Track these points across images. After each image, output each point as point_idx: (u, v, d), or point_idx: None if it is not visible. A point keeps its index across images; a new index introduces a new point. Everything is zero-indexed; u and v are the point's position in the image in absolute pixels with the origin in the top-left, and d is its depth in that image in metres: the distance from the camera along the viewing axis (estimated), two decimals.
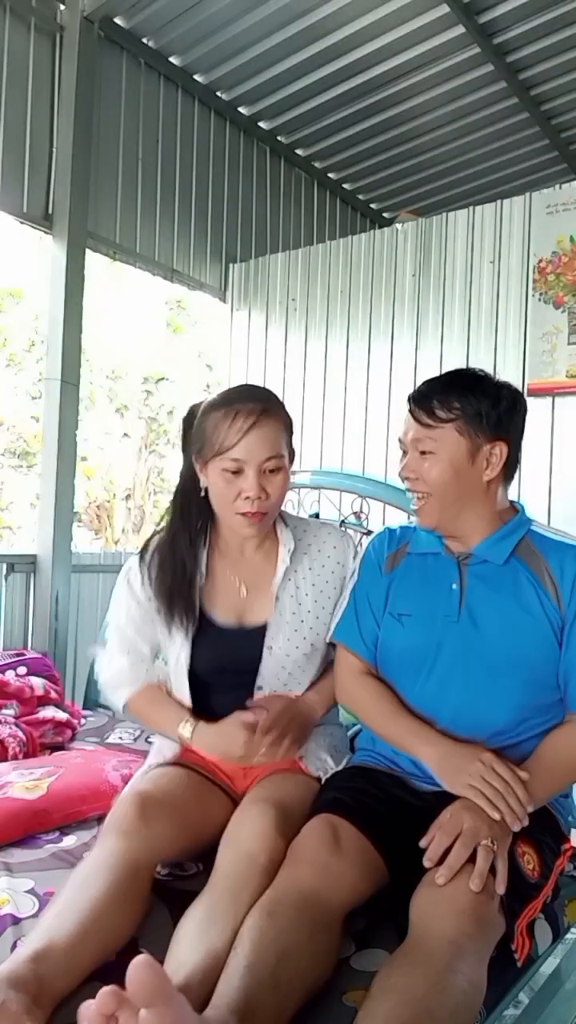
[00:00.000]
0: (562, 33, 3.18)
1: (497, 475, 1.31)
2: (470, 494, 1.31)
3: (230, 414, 1.34)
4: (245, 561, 1.49)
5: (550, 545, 1.32)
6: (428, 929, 1.02)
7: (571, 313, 2.71)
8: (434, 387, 1.33)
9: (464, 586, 1.33)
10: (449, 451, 1.29)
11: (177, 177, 3.46)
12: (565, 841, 1.34)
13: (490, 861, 1.09)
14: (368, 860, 1.18)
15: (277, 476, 1.37)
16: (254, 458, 1.33)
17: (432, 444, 1.30)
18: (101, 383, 9.11)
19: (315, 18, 3.08)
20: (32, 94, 2.86)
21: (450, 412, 1.29)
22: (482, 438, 1.29)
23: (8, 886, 1.28)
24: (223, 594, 1.47)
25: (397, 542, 1.46)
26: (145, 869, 1.19)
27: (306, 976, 1.01)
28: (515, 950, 1.10)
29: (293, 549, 1.47)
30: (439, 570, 1.37)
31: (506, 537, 1.33)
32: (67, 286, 2.87)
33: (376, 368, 3.23)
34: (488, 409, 1.28)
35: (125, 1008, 0.78)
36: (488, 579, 1.32)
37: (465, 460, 1.29)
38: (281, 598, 1.45)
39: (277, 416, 1.38)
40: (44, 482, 2.94)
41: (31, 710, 2.20)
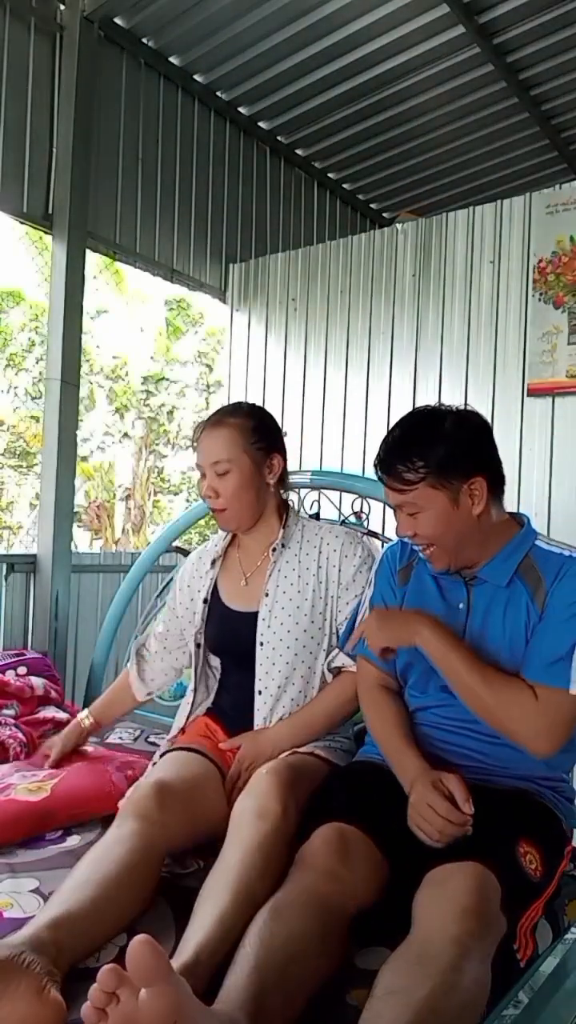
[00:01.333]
0: (562, 33, 3.18)
1: (485, 507, 1.34)
2: (468, 531, 1.34)
3: (198, 427, 1.59)
4: (249, 554, 1.64)
5: (548, 559, 1.35)
6: (431, 929, 1.01)
7: (571, 313, 2.71)
8: (392, 450, 1.35)
9: (471, 606, 1.38)
10: (433, 506, 1.32)
11: (177, 177, 3.46)
12: (568, 842, 1.34)
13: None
14: (375, 868, 1.19)
15: (226, 478, 1.53)
16: (204, 462, 1.55)
17: (414, 505, 1.34)
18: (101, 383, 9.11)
19: (315, 18, 3.08)
20: (32, 94, 2.86)
21: (416, 472, 1.31)
22: (457, 482, 1.31)
23: (12, 888, 1.29)
24: (231, 580, 1.64)
25: (409, 555, 1.50)
26: (157, 853, 1.24)
27: (313, 978, 1.02)
28: (517, 950, 1.10)
29: (281, 547, 1.58)
30: (449, 590, 1.42)
31: (508, 558, 1.36)
32: (67, 286, 2.87)
33: (376, 368, 3.23)
34: (451, 454, 1.30)
35: (126, 986, 0.79)
36: (491, 600, 1.36)
37: (450, 508, 1.32)
38: (269, 592, 1.55)
39: (230, 424, 1.55)
40: (44, 482, 2.94)
41: (31, 710, 2.20)
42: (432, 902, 1.06)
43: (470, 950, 0.98)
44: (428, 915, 1.04)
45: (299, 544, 1.59)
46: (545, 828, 1.27)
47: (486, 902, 1.04)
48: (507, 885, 1.09)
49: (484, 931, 1.02)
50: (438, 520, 1.32)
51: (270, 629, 1.53)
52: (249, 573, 1.61)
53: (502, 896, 1.07)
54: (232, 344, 3.74)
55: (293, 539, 1.59)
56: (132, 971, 0.79)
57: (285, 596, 1.54)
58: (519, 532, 1.39)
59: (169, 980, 0.80)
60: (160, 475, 9.74)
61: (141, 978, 0.79)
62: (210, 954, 1.01)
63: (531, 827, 1.23)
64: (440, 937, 0.99)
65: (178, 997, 0.80)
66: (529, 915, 1.14)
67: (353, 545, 1.58)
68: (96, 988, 0.80)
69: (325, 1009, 1.03)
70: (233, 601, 1.61)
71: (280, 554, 1.57)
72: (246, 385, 3.59)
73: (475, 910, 1.02)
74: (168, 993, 0.79)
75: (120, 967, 0.80)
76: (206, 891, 1.14)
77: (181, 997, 0.81)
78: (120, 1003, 0.79)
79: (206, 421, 1.59)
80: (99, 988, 0.80)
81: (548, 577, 1.32)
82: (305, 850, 1.18)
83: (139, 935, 0.80)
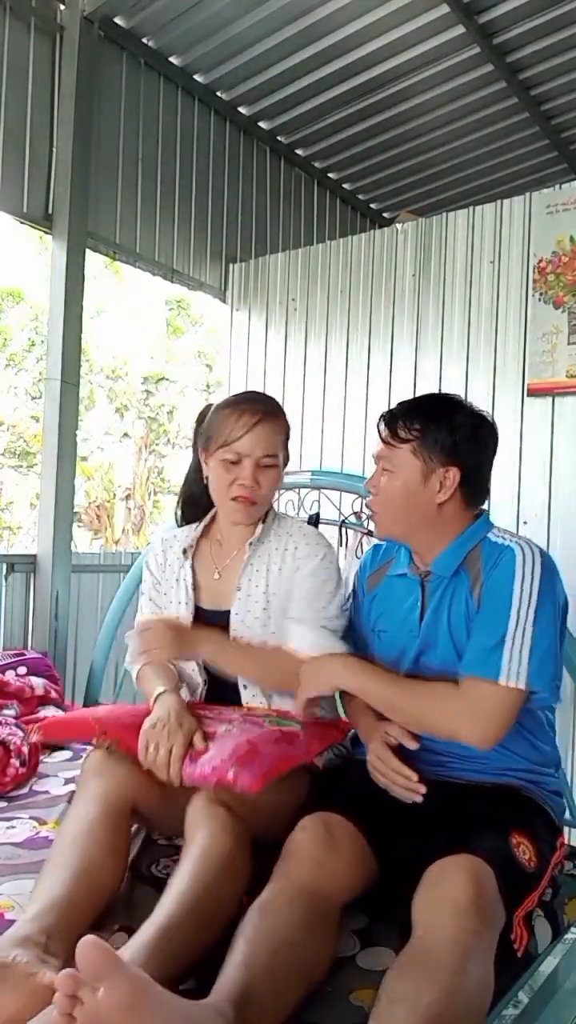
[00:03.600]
0: (562, 33, 3.18)
1: (451, 498, 1.37)
2: (420, 514, 1.38)
3: (236, 412, 1.51)
4: (224, 547, 1.62)
5: (491, 549, 1.36)
6: (431, 931, 1.02)
7: (571, 313, 2.71)
8: (403, 407, 1.42)
9: (425, 602, 1.41)
10: (404, 471, 1.37)
11: (177, 177, 3.46)
12: (559, 835, 1.35)
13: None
14: (362, 855, 1.21)
15: (270, 472, 1.53)
16: (253, 452, 1.50)
17: (390, 463, 1.39)
18: (101, 383, 9.11)
19: (315, 18, 3.08)
20: (32, 94, 2.86)
21: (409, 433, 1.37)
22: (435, 462, 1.36)
23: (14, 890, 1.29)
24: (203, 573, 1.62)
25: (381, 560, 1.57)
26: (120, 809, 1.27)
27: (303, 966, 1.02)
28: (514, 940, 1.11)
29: (256, 543, 1.57)
30: (407, 589, 1.46)
31: (456, 550, 1.39)
32: (67, 286, 2.87)
33: (376, 368, 3.23)
34: (445, 435, 1.35)
35: (84, 987, 0.82)
36: (441, 593, 1.39)
37: (418, 481, 1.36)
38: (242, 587, 1.55)
39: (277, 419, 1.54)
40: (44, 482, 2.94)
41: (31, 710, 2.21)
42: (431, 902, 1.06)
43: (472, 949, 0.98)
44: (428, 916, 1.05)
45: (272, 541, 1.58)
46: (534, 820, 1.29)
47: (483, 897, 1.05)
48: (502, 875, 1.10)
49: (484, 927, 1.02)
50: (403, 487, 1.37)
51: (244, 624, 1.53)
52: (221, 567, 1.60)
53: (499, 887, 1.08)
54: (232, 344, 3.73)
55: (270, 535, 1.59)
56: (83, 971, 0.82)
57: (258, 590, 1.54)
58: (472, 524, 1.41)
59: (120, 972, 0.83)
60: (160, 475, 9.74)
61: (93, 975, 0.82)
62: (168, 939, 1.02)
63: (521, 819, 1.25)
64: (442, 939, 0.99)
65: (133, 986, 0.83)
66: (524, 905, 1.15)
67: (317, 546, 1.57)
68: (59, 995, 0.83)
69: (328, 1009, 1.03)
70: (205, 600, 1.60)
71: (255, 549, 1.57)
72: (246, 385, 3.59)
73: (474, 906, 1.03)
74: (121, 984, 0.82)
75: (75, 971, 0.83)
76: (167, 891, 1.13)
77: (137, 985, 0.83)
78: (83, 1004, 0.82)
79: (253, 409, 1.51)
80: (61, 994, 0.82)
81: (486, 564, 1.34)
82: (290, 841, 1.20)
83: (84, 936, 0.84)
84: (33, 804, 1.72)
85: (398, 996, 0.94)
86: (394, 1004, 0.93)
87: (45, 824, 1.60)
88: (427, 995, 0.91)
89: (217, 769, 1.24)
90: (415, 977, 0.95)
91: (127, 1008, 0.81)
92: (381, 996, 0.96)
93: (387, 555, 1.55)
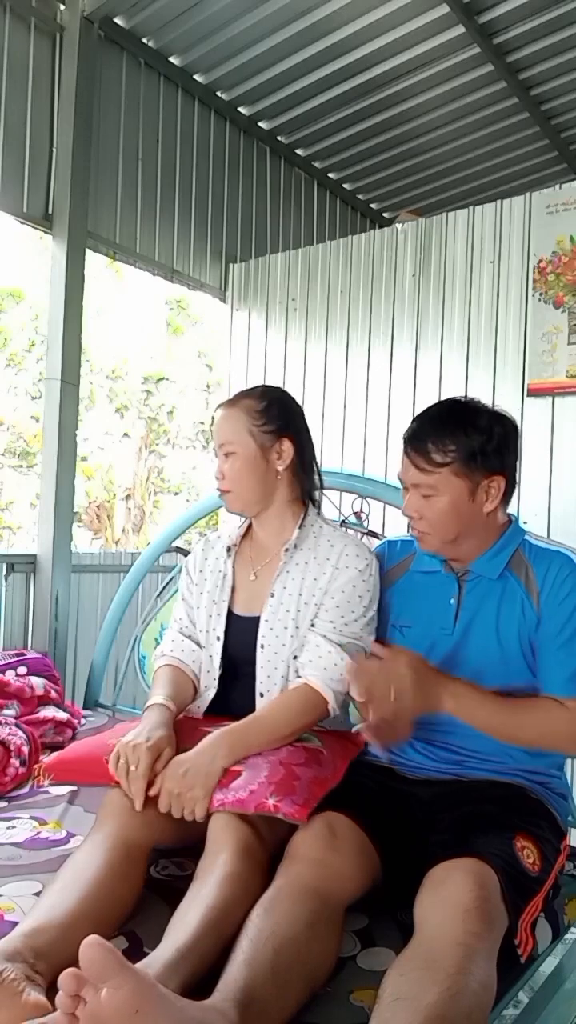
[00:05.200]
0: (562, 33, 3.18)
1: (496, 505, 1.36)
2: (471, 526, 1.36)
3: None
4: (260, 549, 1.59)
5: (538, 554, 1.37)
6: (434, 932, 1.01)
7: (571, 313, 2.71)
8: (427, 427, 1.36)
9: (461, 601, 1.40)
10: (450, 493, 1.33)
11: (177, 177, 3.46)
12: (563, 837, 1.35)
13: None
14: (365, 855, 1.20)
15: (230, 459, 1.52)
16: (216, 443, 1.55)
17: (431, 488, 1.34)
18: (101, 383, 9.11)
19: (315, 18, 3.08)
20: (32, 94, 2.86)
21: (446, 456, 1.32)
22: (479, 475, 1.33)
23: (15, 891, 1.29)
24: (241, 573, 1.59)
25: (398, 556, 1.53)
26: (138, 850, 1.23)
27: (306, 966, 1.02)
28: (518, 945, 1.10)
29: (294, 547, 1.53)
30: (440, 586, 1.43)
31: (500, 552, 1.38)
32: (67, 286, 2.87)
33: (376, 368, 3.23)
34: (482, 447, 1.32)
35: (87, 987, 0.82)
36: (483, 593, 1.38)
37: (466, 499, 1.33)
38: (275, 592, 1.51)
39: (238, 406, 1.54)
40: (44, 482, 2.94)
41: (31, 710, 2.20)
42: (433, 904, 1.06)
43: (475, 951, 0.98)
44: (430, 917, 1.04)
45: (312, 549, 1.52)
46: (540, 823, 1.29)
47: (486, 899, 1.05)
48: (506, 879, 1.09)
49: (487, 930, 1.02)
50: (450, 508, 1.33)
51: (272, 632, 1.49)
52: (258, 568, 1.57)
53: (502, 891, 1.08)
54: (232, 344, 3.74)
55: (307, 542, 1.53)
56: (86, 971, 0.82)
57: (290, 599, 1.50)
58: (510, 527, 1.41)
59: (124, 973, 0.82)
60: (160, 475, 9.74)
61: (96, 976, 0.82)
62: (189, 961, 1.00)
63: (526, 822, 1.24)
64: (444, 940, 0.99)
65: (136, 986, 0.83)
66: (529, 910, 1.15)
67: (359, 557, 1.51)
68: (62, 995, 0.82)
69: (328, 1009, 1.03)
70: (239, 605, 1.57)
71: (291, 555, 1.52)
72: (246, 385, 3.57)
73: (477, 908, 1.02)
74: (124, 985, 0.82)
75: (78, 971, 0.82)
76: (180, 911, 1.11)
77: (140, 986, 0.83)
78: (86, 1004, 0.82)
79: (222, 402, 1.59)
80: (63, 993, 0.82)
81: (538, 570, 1.35)
82: (292, 842, 1.20)
83: (88, 936, 0.83)
84: (33, 804, 1.72)
85: (400, 996, 0.93)
86: (396, 1004, 0.93)
87: (45, 824, 1.60)
88: (429, 996, 0.91)
89: (255, 794, 1.21)
90: (417, 977, 0.95)
91: (130, 1008, 0.81)
92: (382, 996, 0.95)
93: (406, 550, 1.52)
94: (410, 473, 1.37)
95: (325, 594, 1.48)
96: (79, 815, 1.64)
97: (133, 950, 1.13)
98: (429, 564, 1.46)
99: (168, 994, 0.87)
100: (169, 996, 0.87)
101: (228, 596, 1.57)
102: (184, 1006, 0.87)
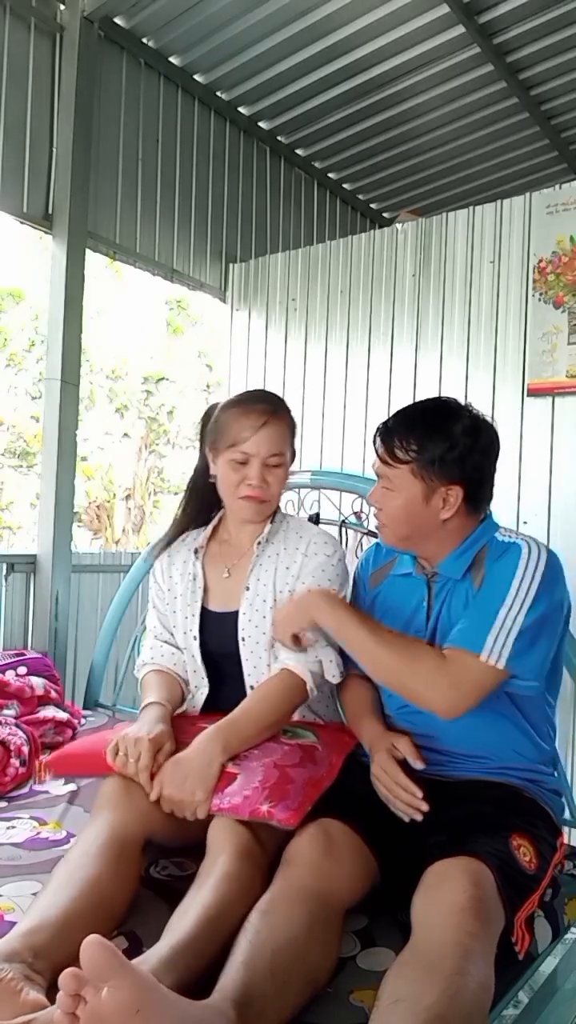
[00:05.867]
0: (562, 33, 3.18)
1: (455, 514, 1.35)
2: (424, 528, 1.37)
3: (243, 412, 1.53)
4: (233, 546, 1.63)
5: (497, 546, 1.37)
6: (431, 933, 1.02)
7: (571, 313, 2.70)
8: (401, 422, 1.37)
9: (431, 602, 1.42)
10: (405, 491, 1.35)
11: (177, 177, 3.46)
12: (559, 835, 1.35)
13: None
14: (362, 860, 1.21)
15: (278, 470, 1.54)
16: (260, 452, 1.51)
17: (390, 481, 1.37)
18: (101, 383, 9.10)
19: (315, 18, 3.08)
20: (32, 94, 2.86)
21: (407, 453, 1.34)
22: (436, 482, 1.33)
23: (15, 891, 1.29)
24: (213, 577, 1.62)
25: (384, 559, 1.56)
26: (133, 843, 1.25)
27: (305, 968, 1.02)
28: (515, 943, 1.10)
29: (265, 542, 1.57)
30: (413, 588, 1.46)
31: (464, 552, 1.39)
32: (67, 286, 2.87)
33: (376, 368, 3.23)
34: (443, 454, 1.32)
35: (87, 987, 0.82)
36: (448, 594, 1.40)
37: (420, 501, 1.34)
38: (250, 587, 1.55)
39: (284, 418, 1.55)
40: (44, 482, 2.94)
41: (31, 710, 2.20)
42: (430, 904, 1.06)
43: (472, 951, 0.98)
44: (427, 918, 1.04)
45: (282, 541, 1.58)
46: (536, 821, 1.29)
47: (483, 899, 1.05)
48: (503, 878, 1.10)
49: (484, 929, 1.02)
50: (405, 506, 1.35)
51: (251, 623, 1.53)
52: (231, 565, 1.61)
53: (498, 889, 1.08)
54: (232, 344, 3.73)
55: (278, 535, 1.59)
56: (87, 971, 0.82)
57: (265, 589, 1.54)
58: (478, 527, 1.41)
59: (124, 973, 0.83)
60: (160, 475, 9.73)
61: (96, 975, 0.82)
62: (186, 959, 1.01)
63: (522, 821, 1.25)
64: (441, 941, 0.99)
65: (137, 986, 0.83)
66: (525, 907, 1.15)
67: (326, 544, 1.57)
68: (61, 994, 0.82)
69: (328, 1009, 1.03)
70: (213, 602, 1.60)
71: (263, 548, 1.57)
72: (246, 385, 3.59)
73: (473, 908, 1.03)
74: (125, 985, 0.82)
75: (79, 970, 0.82)
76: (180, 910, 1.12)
77: (141, 986, 0.83)
78: (87, 1003, 0.82)
79: (260, 409, 1.52)
80: (64, 993, 0.82)
81: (489, 560, 1.35)
82: (290, 848, 1.20)
83: (89, 936, 0.83)
84: (33, 804, 1.72)
85: (399, 997, 0.94)
86: (395, 1005, 0.93)
87: (45, 824, 1.60)
88: (428, 996, 0.91)
89: (249, 800, 1.22)
90: (416, 978, 0.95)
91: (130, 1008, 0.81)
92: (381, 998, 0.95)
93: (390, 553, 1.55)
94: (376, 464, 1.40)
95: (297, 579, 1.53)
96: (79, 815, 1.64)
97: (133, 950, 1.13)
98: (404, 566, 1.48)
99: (169, 994, 0.87)
100: (169, 996, 0.87)
101: (201, 596, 1.59)
102: (184, 1006, 0.87)
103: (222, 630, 1.57)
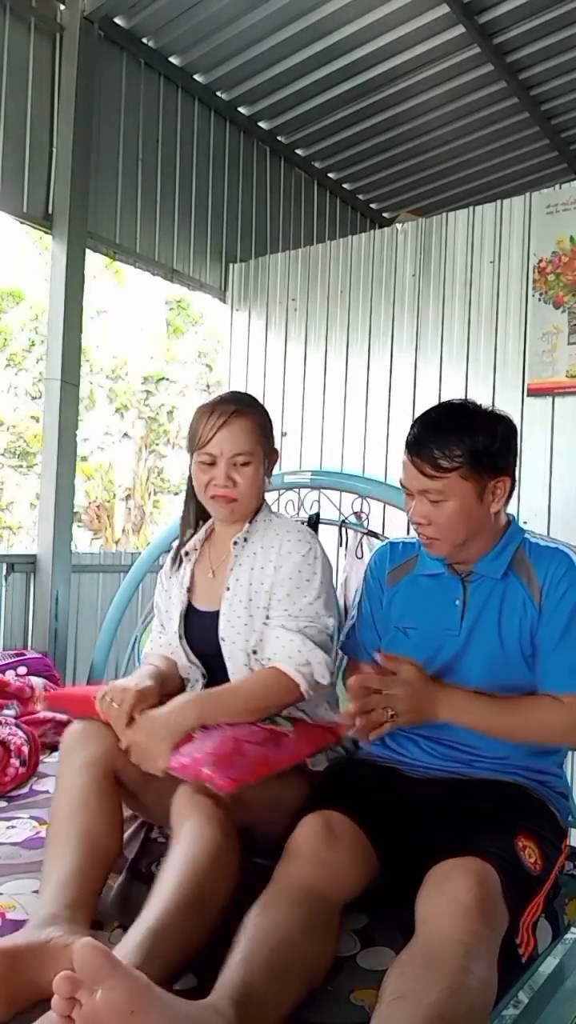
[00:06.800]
0: (562, 33, 3.18)
1: (502, 504, 1.37)
2: (479, 528, 1.37)
3: (207, 412, 1.53)
4: (217, 547, 1.64)
5: (539, 552, 1.39)
6: (434, 930, 1.02)
7: (571, 313, 2.71)
8: (430, 432, 1.34)
9: (467, 602, 1.41)
10: (459, 497, 1.33)
11: (177, 177, 3.46)
12: (564, 837, 1.35)
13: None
14: (364, 853, 1.20)
15: (246, 468, 1.52)
16: (224, 451, 1.51)
17: (439, 493, 1.33)
18: (101, 383, 9.11)
19: (315, 18, 3.08)
20: (32, 94, 2.86)
21: (453, 460, 1.31)
22: (487, 477, 1.33)
23: (16, 889, 1.29)
24: (201, 572, 1.63)
25: (400, 557, 1.54)
26: (106, 770, 1.31)
27: (304, 965, 1.02)
28: (520, 945, 1.10)
29: (242, 542, 1.57)
30: (444, 587, 1.44)
31: (502, 552, 1.39)
32: (67, 286, 2.87)
33: (376, 368, 3.23)
34: (487, 448, 1.32)
35: (82, 990, 0.82)
36: (487, 594, 1.39)
37: (475, 501, 1.33)
38: (230, 587, 1.55)
39: (248, 416, 1.54)
40: (44, 482, 2.94)
41: (31, 710, 2.20)
42: (434, 902, 1.06)
43: (475, 950, 0.98)
44: (431, 916, 1.04)
45: (260, 541, 1.57)
46: (542, 822, 1.29)
47: (487, 899, 1.05)
48: (508, 879, 1.09)
49: (488, 929, 1.02)
50: (460, 512, 1.33)
51: (229, 623, 1.53)
52: (215, 566, 1.61)
53: (503, 890, 1.08)
54: (232, 344, 3.74)
55: (257, 533, 1.58)
56: (81, 974, 0.82)
57: (242, 589, 1.54)
58: (510, 527, 1.42)
59: (118, 974, 0.83)
60: (160, 475, 9.74)
61: (91, 978, 0.82)
62: (159, 940, 1.02)
63: (528, 821, 1.25)
64: (445, 939, 0.99)
65: (131, 988, 0.83)
66: (531, 910, 1.15)
67: (299, 542, 1.55)
68: (57, 998, 0.83)
69: (329, 1009, 1.03)
70: (200, 600, 1.61)
71: (242, 548, 1.57)
72: (246, 385, 3.59)
73: (477, 908, 1.02)
74: (119, 986, 0.82)
75: (73, 973, 0.83)
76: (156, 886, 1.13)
77: (135, 987, 0.83)
78: (82, 1006, 0.82)
79: (222, 409, 1.53)
80: (59, 997, 0.82)
81: (539, 569, 1.36)
82: (291, 840, 1.20)
83: (82, 939, 0.84)
84: (33, 804, 1.72)
85: (400, 995, 0.93)
86: (396, 1003, 0.93)
87: (45, 824, 1.60)
88: (430, 994, 0.91)
89: (196, 761, 1.23)
90: (418, 976, 0.95)
91: (125, 1010, 0.81)
92: (383, 995, 0.95)
93: (408, 552, 1.53)
94: (416, 480, 1.35)
95: (275, 584, 1.52)
96: None
97: None
98: (433, 567, 1.46)
99: (164, 994, 0.87)
100: (165, 996, 0.87)
101: (186, 595, 1.61)
102: (180, 1006, 0.87)
103: (205, 630, 1.57)
